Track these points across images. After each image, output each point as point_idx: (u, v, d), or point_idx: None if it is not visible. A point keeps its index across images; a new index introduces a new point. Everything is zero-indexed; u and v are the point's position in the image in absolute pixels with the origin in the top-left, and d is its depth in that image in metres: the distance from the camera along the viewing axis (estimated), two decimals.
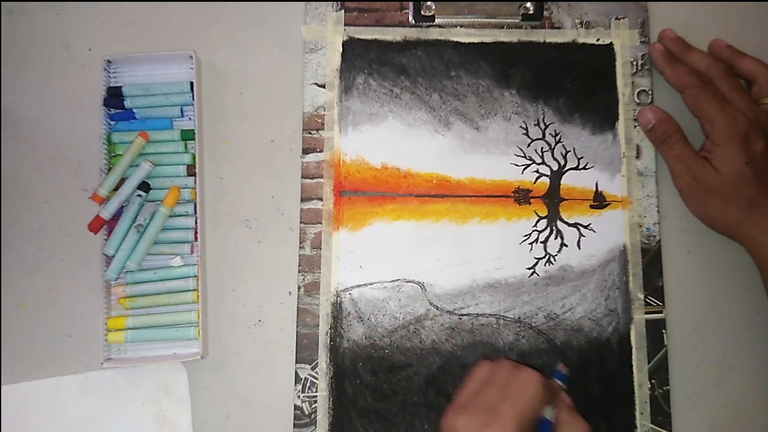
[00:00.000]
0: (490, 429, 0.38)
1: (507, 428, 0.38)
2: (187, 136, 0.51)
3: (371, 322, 0.50)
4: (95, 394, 0.50)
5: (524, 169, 0.52)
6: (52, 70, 0.54)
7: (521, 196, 0.52)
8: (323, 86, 0.53)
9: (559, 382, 0.45)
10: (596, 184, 0.52)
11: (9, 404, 0.49)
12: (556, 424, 0.41)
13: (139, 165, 0.50)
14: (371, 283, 0.51)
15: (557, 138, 0.52)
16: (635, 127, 0.52)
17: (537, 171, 0.52)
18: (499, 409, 0.39)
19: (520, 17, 0.54)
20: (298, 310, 0.50)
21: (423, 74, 0.53)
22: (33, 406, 0.49)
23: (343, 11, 0.54)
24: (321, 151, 0.52)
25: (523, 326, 0.50)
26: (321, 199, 0.51)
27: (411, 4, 0.54)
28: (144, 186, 0.50)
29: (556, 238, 0.51)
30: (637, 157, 0.52)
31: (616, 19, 0.54)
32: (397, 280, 0.51)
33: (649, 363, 0.49)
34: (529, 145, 0.52)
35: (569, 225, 0.51)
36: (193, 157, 0.51)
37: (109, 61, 0.52)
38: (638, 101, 0.53)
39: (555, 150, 0.52)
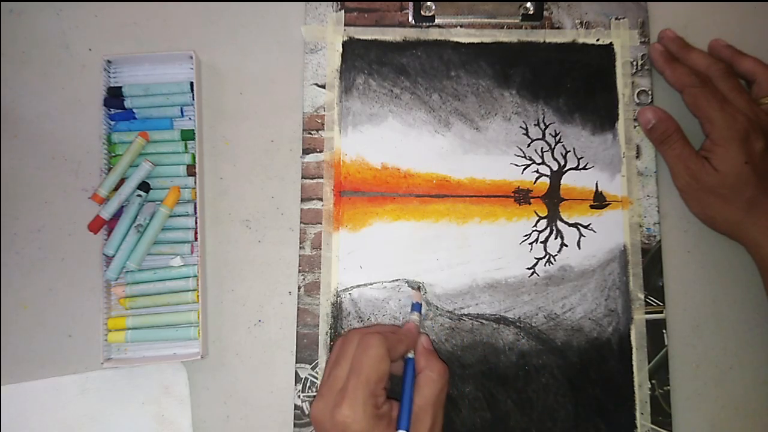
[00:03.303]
0: (341, 408, 0.38)
1: (356, 401, 0.38)
2: (187, 136, 0.51)
3: (371, 322, 0.50)
4: (95, 394, 0.50)
5: (524, 169, 0.52)
6: (52, 70, 0.54)
7: (521, 196, 0.52)
8: (323, 86, 0.53)
9: (416, 315, 0.47)
10: (596, 184, 0.52)
11: (9, 404, 0.49)
12: (416, 370, 0.42)
13: (139, 165, 0.50)
14: (371, 283, 0.51)
15: (557, 138, 0.52)
16: (635, 127, 0.52)
17: (537, 171, 0.52)
18: (347, 385, 0.39)
19: (520, 17, 0.54)
20: (298, 310, 0.50)
21: (423, 74, 0.53)
22: (33, 406, 0.49)
23: (343, 11, 0.54)
24: (321, 151, 0.52)
25: (523, 326, 0.50)
26: (321, 199, 0.51)
27: (411, 4, 0.54)
28: (144, 186, 0.50)
29: (556, 238, 0.51)
30: (637, 157, 0.52)
31: (616, 19, 0.54)
32: (397, 280, 0.51)
33: (649, 363, 0.49)
34: (529, 145, 0.52)
35: (569, 225, 0.51)
36: (193, 157, 0.51)
37: (109, 61, 0.52)
38: (638, 101, 0.53)
39: (555, 150, 0.52)
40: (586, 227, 0.51)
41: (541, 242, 0.51)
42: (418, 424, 0.40)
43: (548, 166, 0.52)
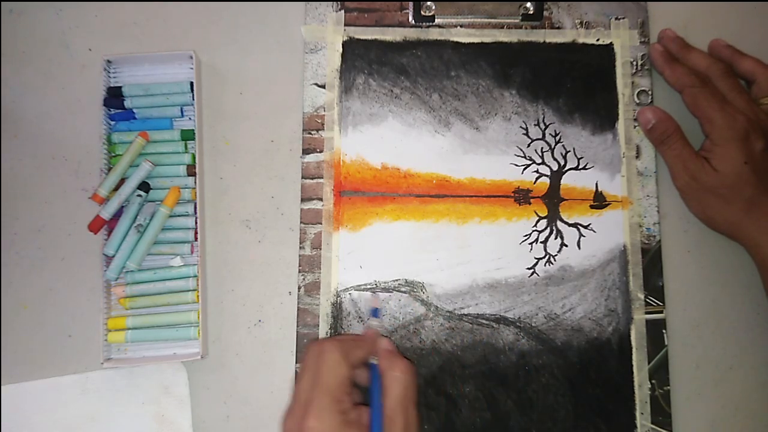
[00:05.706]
0: (307, 420, 0.38)
1: (321, 410, 0.38)
2: (187, 136, 0.51)
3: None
4: (95, 394, 0.50)
5: (524, 169, 0.52)
6: (52, 70, 0.54)
7: (521, 196, 0.52)
8: (323, 86, 0.53)
9: (374, 321, 0.46)
10: (596, 184, 0.52)
11: (9, 404, 0.49)
12: (381, 373, 0.42)
13: (139, 165, 0.50)
14: (371, 287, 0.50)
15: (557, 138, 0.53)
16: (635, 127, 0.52)
17: (537, 171, 0.52)
18: (311, 396, 0.39)
19: (520, 17, 0.54)
20: (298, 310, 0.50)
21: (423, 74, 0.53)
22: (33, 406, 0.49)
23: (343, 11, 0.54)
24: (321, 152, 0.52)
25: (523, 326, 0.50)
26: (321, 199, 0.52)
27: (411, 4, 0.54)
28: (144, 186, 0.50)
29: (556, 238, 0.51)
30: (637, 157, 0.52)
31: (616, 19, 0.54)
32: (397, 280, 0.51)
33: (649, 363, 0.49)
34: (529, 145, 0.52)
35: (569, 225, 0.51)
36: (193, 157, 0.51)
37: (109, 61, 0.52)
38: (638, 101, 0.53)
39: (555, 150, 0.52)
40: (586, 227, 0.51)
41: (541, 242, 0.51)
42: (391, 426, 0.39)
43: (548, 166, 0.52)
